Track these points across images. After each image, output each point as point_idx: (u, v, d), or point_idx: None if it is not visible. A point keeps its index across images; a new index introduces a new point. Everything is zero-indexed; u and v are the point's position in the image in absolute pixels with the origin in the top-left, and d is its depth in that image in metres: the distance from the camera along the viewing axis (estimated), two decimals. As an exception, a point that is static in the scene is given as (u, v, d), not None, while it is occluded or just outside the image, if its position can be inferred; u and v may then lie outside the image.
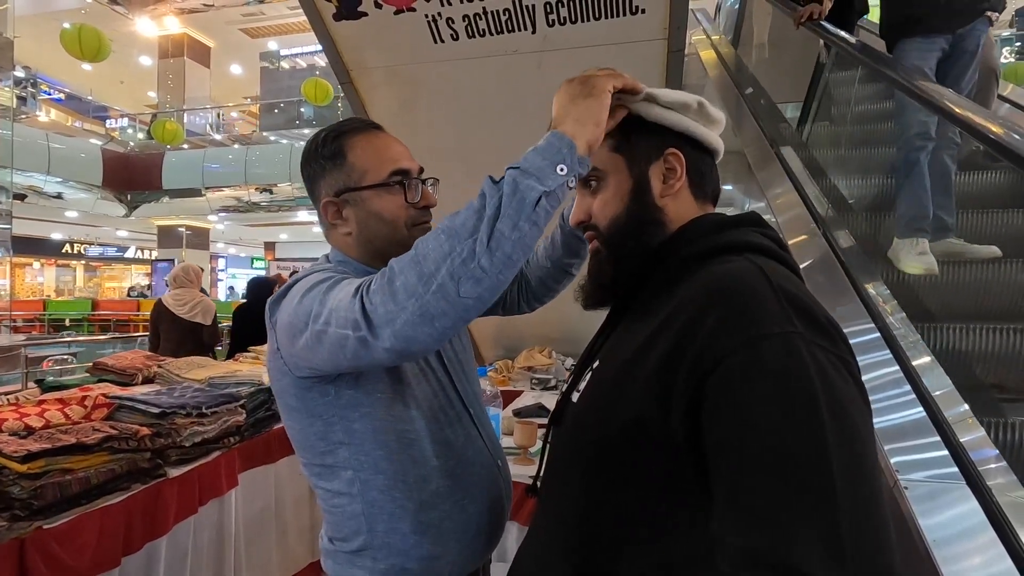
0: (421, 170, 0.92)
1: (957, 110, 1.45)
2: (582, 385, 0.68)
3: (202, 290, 3.86)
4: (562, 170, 0.64)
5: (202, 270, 4.03)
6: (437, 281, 0.64)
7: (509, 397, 2.75)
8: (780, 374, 0.48)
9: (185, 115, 13.51)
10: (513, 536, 1.67)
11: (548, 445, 0.74)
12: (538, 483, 0.75)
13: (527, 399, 2.67)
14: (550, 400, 2.49)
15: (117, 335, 9.19)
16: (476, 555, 0.90)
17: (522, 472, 1.71)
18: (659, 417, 0.54)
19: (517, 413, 2.31)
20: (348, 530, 0.84)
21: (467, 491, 0.87)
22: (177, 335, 3.45)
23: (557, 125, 0.66)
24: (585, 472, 0.62)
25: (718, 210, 0.71)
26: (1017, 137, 1.18)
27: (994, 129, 1.25)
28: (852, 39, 2.40)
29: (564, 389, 0.74)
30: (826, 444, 0.46)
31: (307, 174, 0.91)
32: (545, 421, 2.23)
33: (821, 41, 2.84)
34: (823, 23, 2.59)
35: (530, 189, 0.63)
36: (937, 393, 1.06)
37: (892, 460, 0.92)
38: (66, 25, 6.65)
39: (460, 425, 0.90)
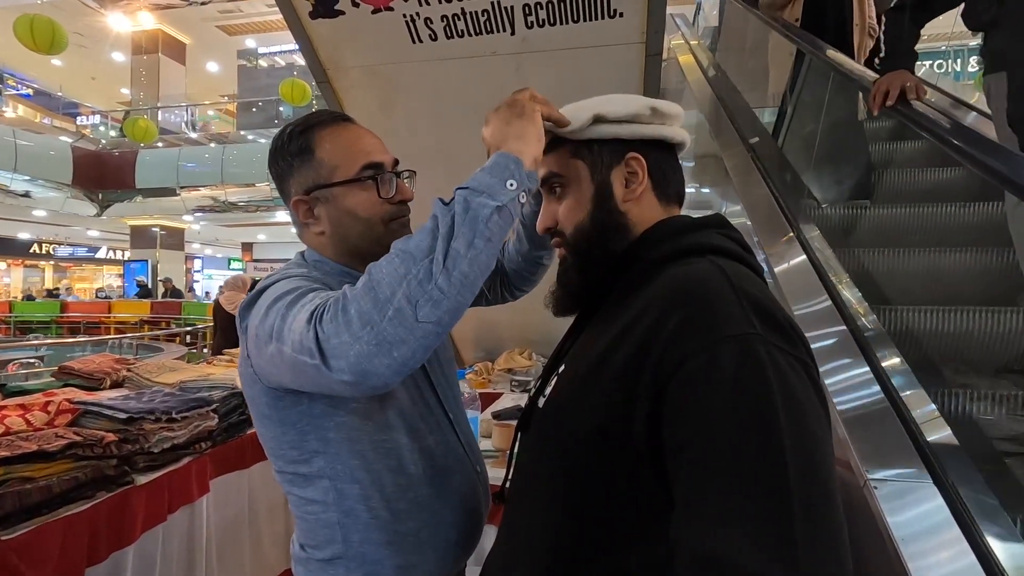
0: (396, 162, 0.88)
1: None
2: (548, 390, 0.68)
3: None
4: (511, 185, 0.64)
5: (251, 280, 5.09)
6: (393, 306, 0.61)
7: (488, 399, 2.74)
8: (738, 377, 0.48)
9: (160, 113, 13.23)
10: (490, 540, 1.66)
11: (515, 451, 0.73)
12: (505, 489, 0.75)
13: (506, 401, 2.66)
14: (529, 402, 2.48)
15: (87, 338, 8.95)
16: (452, 563, 0.88)
17: (500, 474, 1.70)
18: (622, 422, 0.54)
19: (496, 415, 2.30)
20: (321, 538, 0.82)
21: (446, 500, 0.85)
22: (227, 328, 4.63)
23: (498, 147, 0.66)
24: (550, 478, 0.62)
25: (698, 213, 0.71)
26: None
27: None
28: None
29: (531, 394, 0.74)
30: (782, 448, 0.46)
31: (275, 172, 0.87)
32: (523, 423, 2.21)
33: (860, 96, 2.33)
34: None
35: (482, 206, 0.63)
36: (906, 394, 1.08)
37: (860, 459, 0.94)
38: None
39: (439, 432, 0.88)
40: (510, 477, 0.73)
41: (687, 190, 0.74)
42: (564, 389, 0.64)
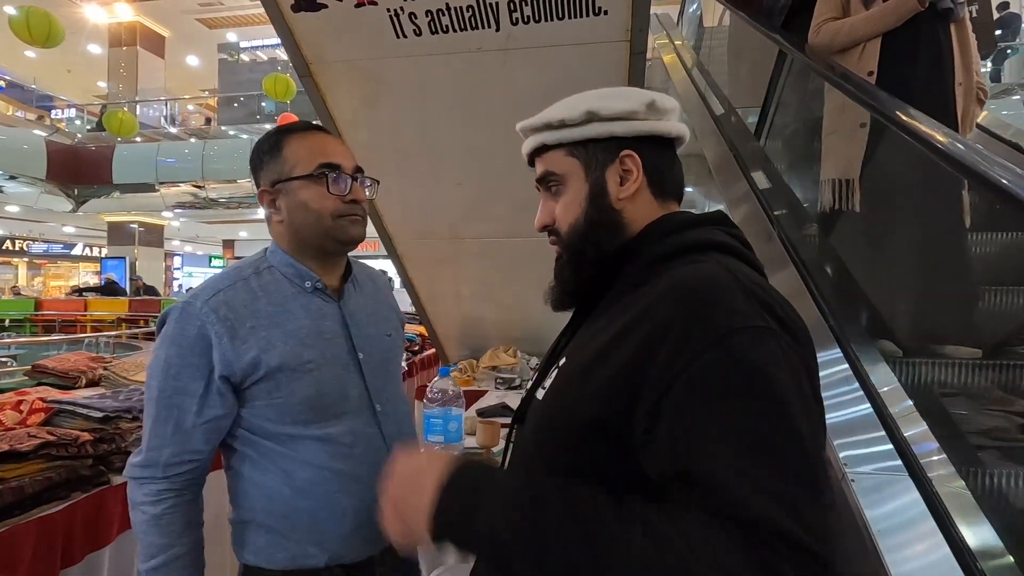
0: (358, 169, 0.98)
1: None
2: (547, 383, 0.68)
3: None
4: None
5: None
6: None
7: (473, 397, 2.73)
8: (751, 366, 0.50)
9: (138, 107, 12.96)
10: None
11: (511, 444, 0.73)
12: None
13: (491, 399, 2.66)
14: (514, 400, 2.49)
15: (63, 336, 8.73)
16: (354, 547, 0.93)
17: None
18: (622, 416, 0.54)
19: (481, 413, 2.30)
20: (239, 506, 0.94)
21: (343, 485, 0.91)
22: None
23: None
24: (548, 471, 0.62)
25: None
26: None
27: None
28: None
29: (529, 387, 0.74)
30: (791, 417, 0.48)
31: (252, 166, 0.98)
32: (509, 421, 2.23)
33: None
34: None
35: None
36: (884, 390, 1.10)
37: (841, 455, 0.95)
38: (11, 10, 6.32)
39: (358, 422, 0.95)
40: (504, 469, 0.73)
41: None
42: (565, 381, 0.65)
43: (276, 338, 0.89)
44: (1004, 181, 1.01)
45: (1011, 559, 0.79)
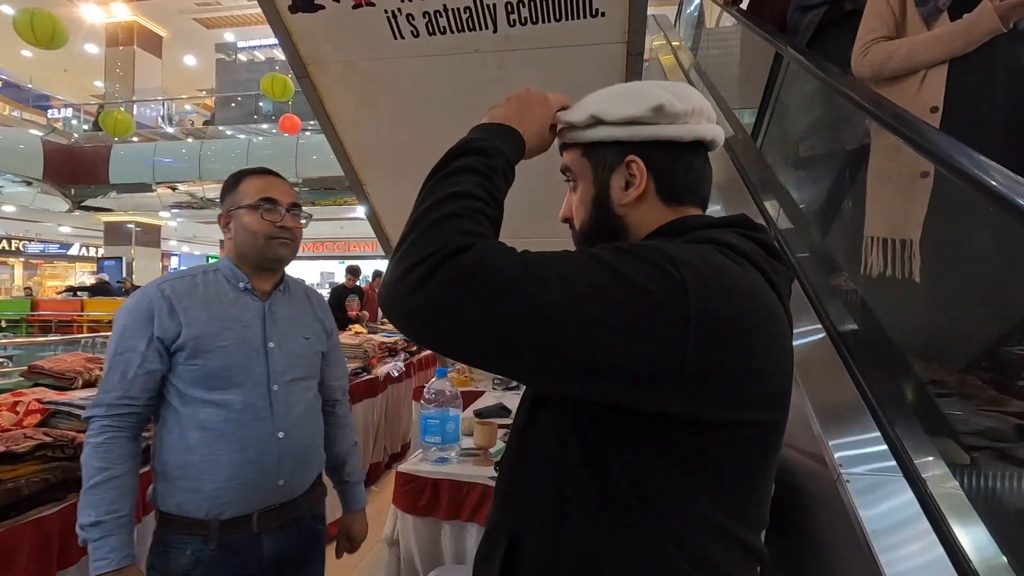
0: (295, 204, 1.26)
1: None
2: None
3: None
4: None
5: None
6: None
7: (471, 398, 2.74)
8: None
9: (135, 107, 12.92)
10: (473, 537, 1.67)
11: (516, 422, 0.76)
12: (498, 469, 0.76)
13: (488, 399, 2.66)
14: (511, 400, 2.49)
15: (59, 337, 8.69)
16: (231, 503, 1.14)
17: (482, 472, 1.70)
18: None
19: (478, 413, 2.30)
20: (153, 457, 1.18)
21: (226, 444, 1.13)
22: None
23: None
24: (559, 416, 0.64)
25: None
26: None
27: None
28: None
29: None
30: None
31: (220, 197, 1.28)
32: (507, 421, 2.23)
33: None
34: None
35: None
36: (878, 391, 1.10)
37: (836, 455, 0.96)
38: (8, 9, 6.31)
39: (253, 393, 1.17)
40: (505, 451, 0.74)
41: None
42: None
43: (201, 318, 1.16)
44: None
45: (1004, 560, 0.79)
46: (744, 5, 2.90)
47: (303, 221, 1.30)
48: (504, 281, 0.51)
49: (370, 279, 8.53)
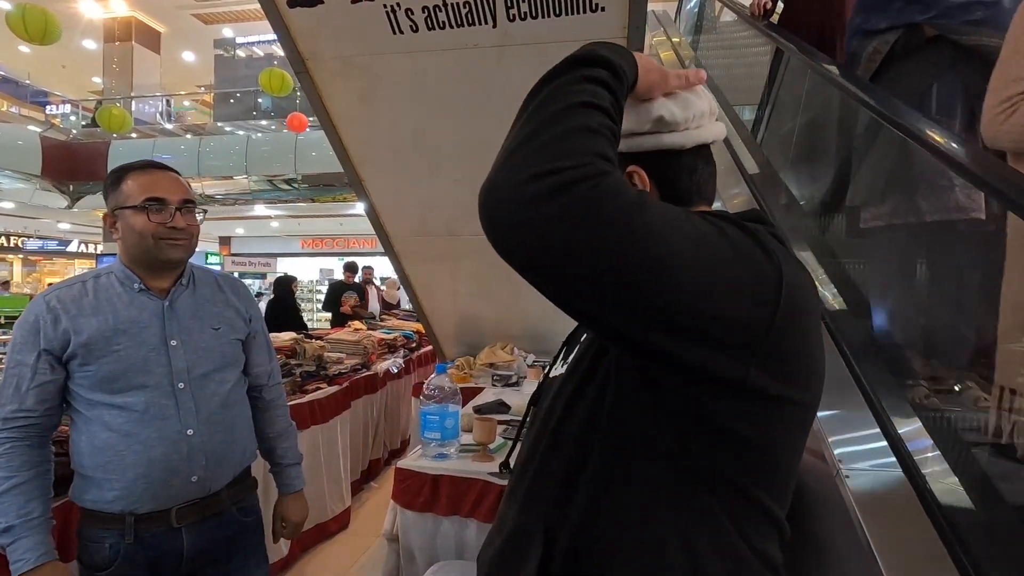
0: (187, 201, 1.22)
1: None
2: (563, 367, 0.73)
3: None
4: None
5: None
6: None
7: (470, 394, 2.73)
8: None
9: (133, 103, 12.88)
10: (472, 532, 1.67)
11: (527, 426, 0.79)
12: (510, 465, 0.78)
13: (488, 395, 2.66)
14: (511, 396, 2.49)
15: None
16: (144, 495, 1.16)
17: (481, 468, 1.70)
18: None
19: (477, 409, 2.30)
20: (71, 455, 1.20)
21: (129, 445, 1.15)
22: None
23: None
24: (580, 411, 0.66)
25: None
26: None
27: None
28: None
29: (546, 371, 0.77)
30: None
31: (103, 195, 1.23)
32: (506, 417, 2.22)
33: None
34: None
35: None
36: (878, 387, 1.10)
37: (836, 451, 0.96)
38: (5, 4, 6.29)
39: (155, 392, 1.17)
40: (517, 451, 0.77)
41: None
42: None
43: (91, 324, 1.15)
44: None
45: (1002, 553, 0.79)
46: (775, 19, 2.78)
47: (199, 217, 1.25)
48: (634, 223, 0.49)
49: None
